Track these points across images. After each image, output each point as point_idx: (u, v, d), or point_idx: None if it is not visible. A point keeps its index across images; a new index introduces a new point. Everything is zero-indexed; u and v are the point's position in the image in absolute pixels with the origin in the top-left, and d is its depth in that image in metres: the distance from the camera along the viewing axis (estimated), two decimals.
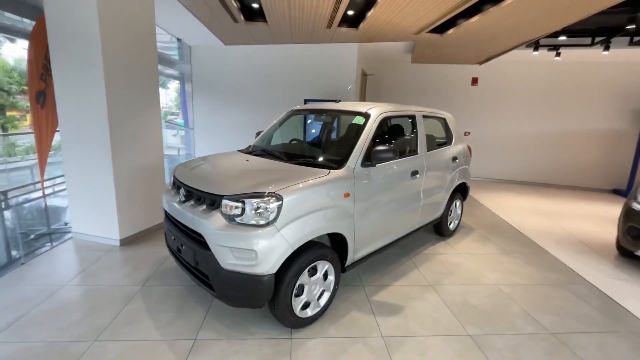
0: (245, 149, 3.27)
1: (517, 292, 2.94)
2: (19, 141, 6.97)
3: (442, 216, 3.85)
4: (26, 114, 11.32)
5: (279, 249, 1.97)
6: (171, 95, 14.12)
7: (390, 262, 3.40)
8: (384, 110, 2.89)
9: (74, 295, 2.60)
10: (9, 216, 4.37)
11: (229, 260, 1.96)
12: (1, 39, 10.12)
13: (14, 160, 6.05)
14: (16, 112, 11.13)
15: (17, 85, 11.54)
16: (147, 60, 3.62)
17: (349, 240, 2.46)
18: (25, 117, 11.49)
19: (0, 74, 11.30)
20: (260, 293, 1.98)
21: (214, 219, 2.02)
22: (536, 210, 5.65)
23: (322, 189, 2.20)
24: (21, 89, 11.42)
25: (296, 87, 6.98)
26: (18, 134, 6.36)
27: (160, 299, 2.59)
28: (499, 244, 4.03)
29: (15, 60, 11.04)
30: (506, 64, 7.28)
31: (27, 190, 5.14)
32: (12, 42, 8.30)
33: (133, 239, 3.63)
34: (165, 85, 15.23)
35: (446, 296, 2.82)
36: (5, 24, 3.81)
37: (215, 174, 2.44)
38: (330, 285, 2.41)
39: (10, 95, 11.43)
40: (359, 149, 2.54)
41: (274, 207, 1.97)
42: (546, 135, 7.53)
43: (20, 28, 3.88)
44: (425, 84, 7.95)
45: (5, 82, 11.30)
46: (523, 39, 4.85)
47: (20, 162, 6.16)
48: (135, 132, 3.54)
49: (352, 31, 4.78)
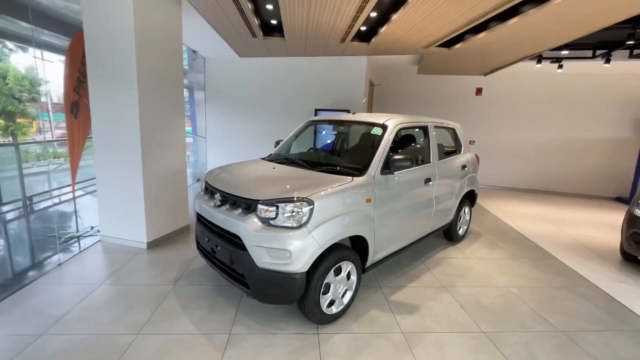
0: (267, 157, 3.47)
1: (525, 294, 3.10)
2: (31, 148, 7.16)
3: (452, 222, 4.03)
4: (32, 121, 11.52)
5: (310, 249, 2.15)
6: None
7: (404, 265, 3.57)
8: (400, 121, 3.10)
9: (111, 294, 2.78)
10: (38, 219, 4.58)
11: (264, 260, 2.15)
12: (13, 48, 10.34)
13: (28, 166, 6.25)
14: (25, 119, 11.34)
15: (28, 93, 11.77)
16: (174, 73, 3.86)
17: (370, 242, 2.65)
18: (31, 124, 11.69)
19: (12, 82, 11.56)
20: (293, 290, 2.16)
21: (250, 222, 2.22)
22: (541, 217, 5.81)
23: (347, 194, 2.40)
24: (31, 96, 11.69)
25: (307, 97, 7.23)
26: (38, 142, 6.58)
27: (192, 298, 2.77)
28: (507, 249, 4.19)
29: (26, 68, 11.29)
30: (510, 75, 7.51)
31: (51, 195, 5.36)
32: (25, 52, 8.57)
33: (159, 242, 3.82)
34: None
35: (459, 297, 2.98)
36: (45, 40, 4.08)
37: (249, 181, 2.65)
38: (352, 285, 2.58)
39: (21, 102, 11.66)
40: (378, 157, 2.74)
41: (306, 211, 2.16)
42: (550, 143, 7.72)
43: (55, 44, 4.14)
44: (431, 94, 8.19)
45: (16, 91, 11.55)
46: (528, 53, 5.09)
47: (33, 169, 6.36)
48: (162, 141, 3.76)
49: (363, 45, 5.03)
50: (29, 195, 5.10)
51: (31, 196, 5.20)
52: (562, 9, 3.20)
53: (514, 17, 3.50)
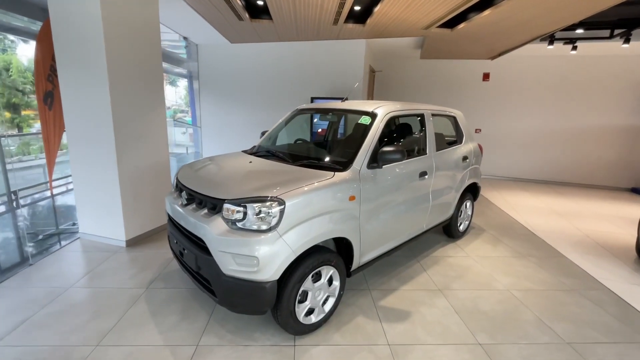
0: (249, 149, 3.22)
1: (529, 298, 2.83)
2: (33, 140, 7.04)
3: (451, 217, 3.74)
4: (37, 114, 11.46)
5: (281, 255, 1.91)
6: (181, 93, 14.13)
7: (398, 264, 3.32)
8: (391, 109, 2.80)
9: (80, 298, 2.60)
10: (19, 216, 4.44)
11: (230, 267, 1.92)
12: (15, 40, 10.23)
13: (28, 159, 6.13)
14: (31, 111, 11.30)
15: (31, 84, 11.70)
16: (151, 59, 3.60)
17: (355, 244, 2.39)
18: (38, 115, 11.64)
19: (15, 75, 11.46)
20: (262, 300, 1.94)
21: (215, 224, 1.98)
22: (551, 210, 5.47)
23: (327, 192, 2.14)
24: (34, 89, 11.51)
25: (303, 85, 6.90)
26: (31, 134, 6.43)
27: (164, 302, 2.57)
28: (511, 246, 3.90)
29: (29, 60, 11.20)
30: (519, 59, 7.05)
31: (36, 189, 5.21)
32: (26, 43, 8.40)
33: (139, 240, 3.64)
34: (174, 84, 15.25)
35: (455, 301, 2.73)
36: (18, 25, 3.84)
37: (217, 177, 2.40)
38: (335, 291, 2.34)
39: (25, 94, 11.61)
40: (365, 150, 2.46)
41: (276, 212, 1.91)
42: (561, 131, 7.28)
43: (32, 30, 3.90)
44: (435, 80, 7.77)
45: (20, 82, 11.46)
46: (538, 32, 4.66)
47: (34, 161, 6.24)
48: (140, 132, 3.53)
49: (359, 27, 4.67)
50: (14, 190, 4.96)
51: (16, 191, 5.06)
52: None
53: None
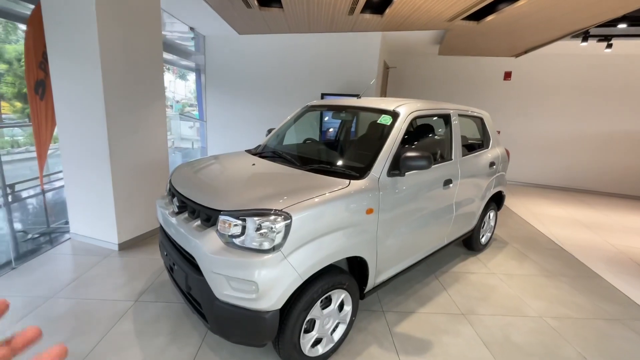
0: (254, 149, 2.91)
1: (567, 328, 2.47)
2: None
3: (474, 229, 3.39)
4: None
5: (285, 280, 1.60)
6: (191, 87, 13.87)
7: (414, 281, 2.98)
8: (415, 108, 2.45)
9: (60, 311, 2.33)
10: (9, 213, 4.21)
11: (224, 291, 1.62)
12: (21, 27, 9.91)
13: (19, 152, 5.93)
14: None
15: None
16: (151, 46, 3.30)
17: (370, 263, 2.07)
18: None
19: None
20: (262, 332, 1.63)
21: (208, 239, 1.67)
22: (577, 222, 5.05)
23: (340, 204, 1.81)
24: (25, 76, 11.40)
25: (314, 81, 6.57)
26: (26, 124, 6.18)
27: (153, 319, 2.29)
28: (539, 263, 3.53)
29: None
30: (545, 57, 6.59)
31: (30, 184, 4.99)
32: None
33: (133, 243, 3.37)
34: (185, 77, 14.96)
35: (482, 330, 2.39)
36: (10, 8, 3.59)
37: (214, 182, 2.08)
38: (346, 317, 2.03)
39: None
40: (385, 154, 2.13)
41: (281, 228, 1.59)
42: (589, 136, 6.81)
43: (22, 13, 3.64)
44: (452, 78, 7.36)
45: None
46: (574, 27, 4.24)
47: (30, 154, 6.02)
48: (136, 127, 3.25)
49: (376, 18, 4.31)
50: (11, 184, 4.75)
51: (13, 184, 4.85)
52: None
53: None
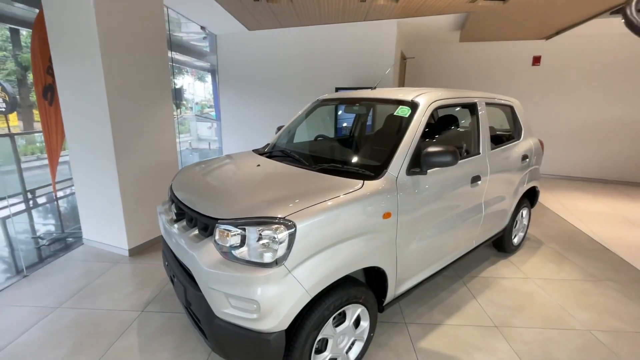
0: (261, 148, 2.74)
1: (620, 343, 2.14)
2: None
3: (505, 229, 3.07)
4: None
5: (290, 297, 1.40)
6: (209, 89, 13.96)
7: (440, 288, 2.72)
8: (436, 97, 2.18)
9: (65, 322, 2.25)
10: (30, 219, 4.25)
11: (224, 309, 1.44)
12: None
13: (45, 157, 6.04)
14: None
15: None
16: (155, 45, 3.19)
17: (390, 273, 1.84)
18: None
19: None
20: (266, 355, 1.44)
21: (204, 251, 1.50)
22: (621, 217, 4.57)
23: (352, 209, 1.59)
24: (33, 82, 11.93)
25: (328, 75, 6.33)
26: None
27: (158, 332, 2.16)
28: (581, 266, 3.16)
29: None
30: (578, 38, 6.03)
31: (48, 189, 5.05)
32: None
33: (143, 248, 3.29)
34: (203, 79, 15.06)
35: (519, 346, 2.10)
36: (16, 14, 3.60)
37: (212, 187, 1.91)
38: (363, 334, 1.81)
39: None
40: (403, 150, 1.88)
41: (284, 238, 1.39)
42: (628, 123, 6.20)
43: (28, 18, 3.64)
44: (475, 66, 6.90)
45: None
46: (615, 1, 3.77)
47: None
48: (142, 130, 3.15)
49: (390, 4, 4.02)
50: (31, 189, 4.84)
51: (34, 190, 4.93)
52: None
53: None
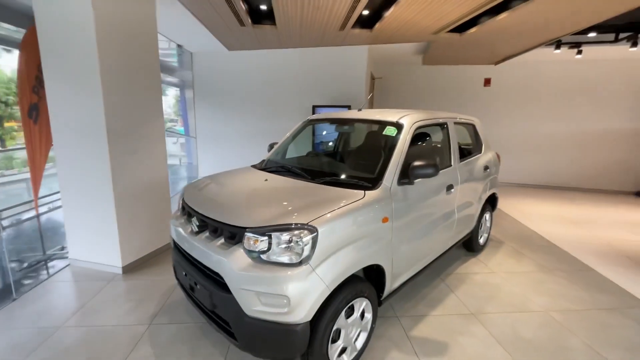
0: (259, 164, 2.95)
1: (571, 320, 2.60)
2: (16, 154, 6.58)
3: (473, 231, 3.53)
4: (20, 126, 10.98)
5: (314, 292, 1.64)
6: (169, 102, 13.78)
7: (422, 285, 3.07)
8: (417, 118, 2.58)
9: (73, 340, 2.26)
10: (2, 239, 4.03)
11: (254, 307, 1.64)
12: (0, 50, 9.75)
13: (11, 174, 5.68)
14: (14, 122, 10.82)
15: (14, 95, 11.33)
16: (148, 66, 3.32)
17: (387, 270, 2.14)
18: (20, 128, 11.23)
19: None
20: (294, 345, 1.65)
21: (235, 257, 1.70)
22: (563, 218, 5.31)
23: (360, 214, 1.88)
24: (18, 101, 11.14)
25: (303, 93, 6.68)
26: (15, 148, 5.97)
27: (170, 341, 2.26)
28: (536, 260, 3.70)
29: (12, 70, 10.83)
30: (522, 64, 6.98)
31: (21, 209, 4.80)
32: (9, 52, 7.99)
33: (136, 265, 3.30)
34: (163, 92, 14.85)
35: (493, 328, 2.48)
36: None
37: (234, 200, 2.11)
38: (367, 325, 2.08)
39: (8, 106, 11.15)
40: (394, 164, 2.22)
41: (307, 241, 1.64)
42: (566, 136, 7.22)
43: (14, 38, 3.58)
44: (435, 86, 7.66)
45: (2, 94, 11.01)
46: (549, 36, 4.56)
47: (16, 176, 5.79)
48: (136, 147, 3.23)
49: (365, 32, 4.49)
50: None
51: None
52: None
53: None
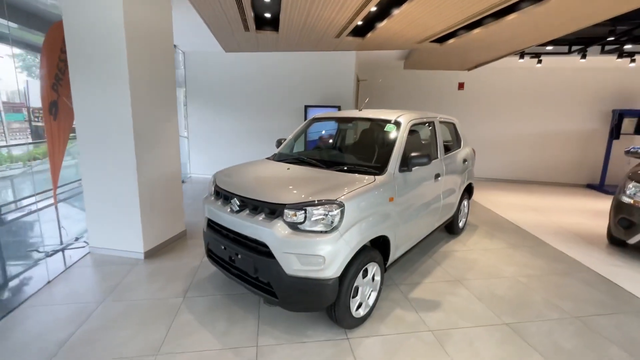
0: (272, 157, 3.33)
1: (533, 282, 3.21)
2: None
3: (454, 215, 4.10)
4: None
5: (342, 253, 2.07)
6: None
7: (414, 261, 3.58)
8: (412, 117, 3.08)
9: (116, 312, 2.55)
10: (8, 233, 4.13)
11: (294, 267, 2.04)
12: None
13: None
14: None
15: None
16: (166, 70, 3.60)
17: (392, 241, 2.61)
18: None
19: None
20: (325, 296, 2.08)
21: (277, 227, 2.10)
22: (526, 206, 6.08)
23: (373, 194, 2.34)
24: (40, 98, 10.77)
25: (295, 94, 7.07)
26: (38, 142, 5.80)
27: (206, 310, 2.60)
28: (505, 239, 4.34)
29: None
30: (491, 70, 7.76)
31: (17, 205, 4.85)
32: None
33: (156, 251, 3.58)
34: None
35: (474, 290, 3.03)
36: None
37: (269, 183, 2.52)
38: (377, 286, 2.54)
39: None
40: (396, 155, 2.70)
41: (337, 214, 2.07)
42: (528, 135, 8.10)
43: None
44: (415, 88, 8.30)
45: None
46: (516, 48, 5.25)
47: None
48: (156, 142, 3.50)
49: (357, 40, 4.96)
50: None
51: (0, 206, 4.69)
52: (565, 4, 3.24)
53: (512, 13, 3.57)
